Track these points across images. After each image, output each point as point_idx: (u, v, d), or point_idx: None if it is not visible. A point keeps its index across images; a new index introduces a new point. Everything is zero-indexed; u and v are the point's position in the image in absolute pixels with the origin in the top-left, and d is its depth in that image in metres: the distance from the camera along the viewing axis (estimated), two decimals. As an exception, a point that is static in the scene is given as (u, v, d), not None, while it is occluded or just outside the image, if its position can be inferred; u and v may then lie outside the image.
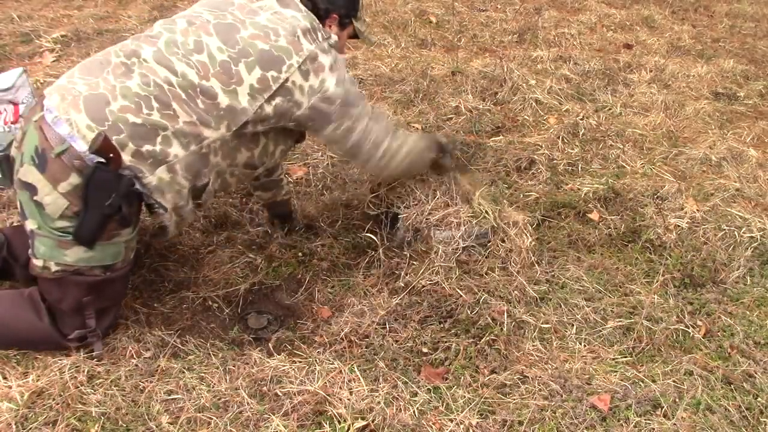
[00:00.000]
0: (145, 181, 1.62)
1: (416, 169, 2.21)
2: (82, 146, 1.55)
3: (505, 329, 1.95)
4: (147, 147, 1.60)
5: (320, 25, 1.82)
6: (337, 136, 1.88)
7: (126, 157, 1.58)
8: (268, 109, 1.73)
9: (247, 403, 1.64)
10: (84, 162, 1.55)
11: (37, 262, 1.65)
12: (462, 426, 1.62)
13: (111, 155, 1.56)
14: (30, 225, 1.62)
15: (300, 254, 2.25)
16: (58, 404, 1.58)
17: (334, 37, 1.85)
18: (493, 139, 3.05)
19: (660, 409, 1.70)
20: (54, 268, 1.64)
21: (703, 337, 1.98)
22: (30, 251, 1.66)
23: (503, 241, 2.22)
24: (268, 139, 1.84)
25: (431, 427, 1.62)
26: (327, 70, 1.78)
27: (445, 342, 1.90)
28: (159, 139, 1.61)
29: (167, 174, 1.64)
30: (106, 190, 1.57)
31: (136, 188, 1.62)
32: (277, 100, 1.73)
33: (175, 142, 1.64)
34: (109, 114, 1.58)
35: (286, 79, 1.72)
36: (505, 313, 1.99)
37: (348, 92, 1.84)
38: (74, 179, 1.56)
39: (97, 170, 1.55)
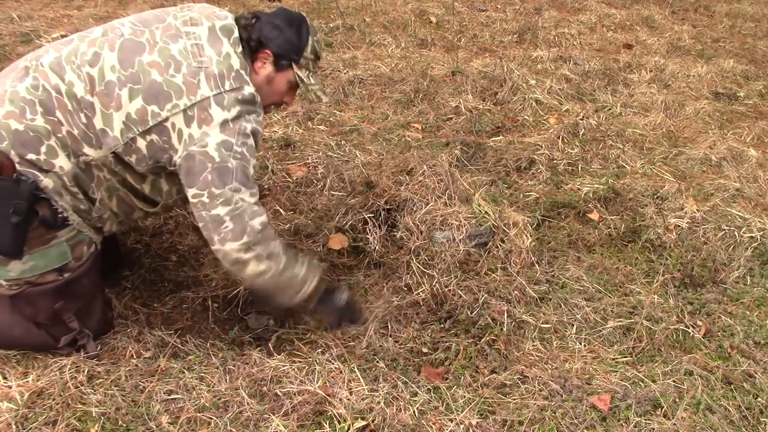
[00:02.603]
0: (41, 185, 1.55)
1: (276, 297, 1.83)
2: None
3: (505, 329, 1.95)
4: (30, 156, 1.53)
5: (238, 74, 1.63)
6: (194, 203, 1.64)
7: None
8: (141, 143, 1.60)
9: (247, 403, 1.64)
10: None
11: None
12: (462, 426, 1.62)
13: None
14: None
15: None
16: (58, 404, 1.58)
17: (249, 90, 1.64)
18: (493, 139, 3.05)
19: (660, 409, 1.70)
20: (4, 284, 1.61)
21: (703, 337, 1.98)
22: None
23: (503, 242, 2.23)
24: (159, 176, 1.70)
25: (431, 427, 1.62)
26: (215, 126, 1.59)
27: (445, 342, 1.90)
28: (43, 148, 1.54)
29: (58, 180, 1.58)
30: (5, 197, 1.48)
31: (40, 191, 1.53)
32: (153, 136, 1.60)
33: (61, 153, 1.56)
34: None
35: (166, 119, 1.58)
36: (505, 313, 1.98)
37: (226, 162, 1.59)
38: None
39: None
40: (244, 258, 1.66)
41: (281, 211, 2.46)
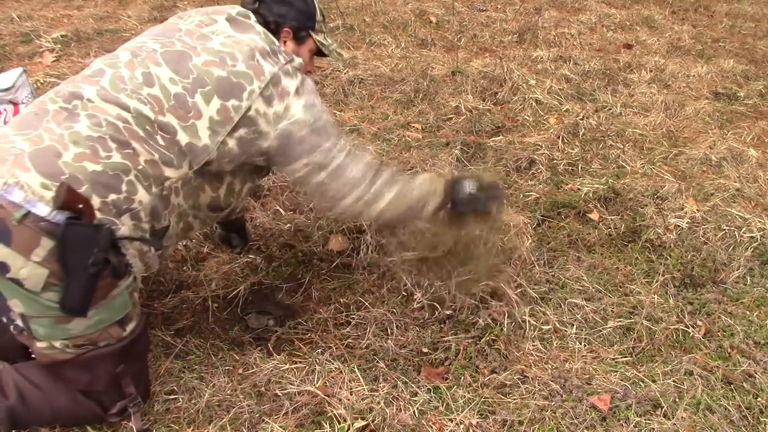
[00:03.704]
0: (118, 234, 1.41)
1: (410, 219, 1.86)
2: (43, 209, 1.31)
3: (505, 329, 1.95)
4: (112, 196, 1.40)
5: (281, 48, 1.67)
6: (305, 174, 1.66)
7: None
8: (231, 143, 1.56)
9: (247, 404, 1.64)
10: (51, 223, 1.31)
11: (41, 345, 1.43)
12: (462, 426, 1.62)
13: (81, 206, 1.33)
14: (17, 308, 1.38)
15: (300, 254, 2.25)
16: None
17: (299, 60, 1.68)
18: (493, 139, 3.05)
19: (660, 409, 1.70)
20: (59, 345, 1.44)
21: (703, 337, 1.98)
22: (26, 336, 1.43)
23: (503, 242, 2.23)
24: (234, 177, 1.68)
25: (431, 427, 1.62)
26: (292, 95, 1.61)
27: (445, 342, 1.90)
28: (124, 186, 1.42)
29: (131, 221, 1.44)
30: (86, 246, 1.33)
31: (117, 238, 1.40)
32: (240, 132, 1.56)
33: (140, 186, 1.45)
34: (63, 166, 1.36)
35: (249, 108, 1.55)
36: (505, 313, 1.99)
37: (318, 119, 1.64)
38: (47, 243, 1.32)
39: (70, 227, 1.31)
40: (358, 209, 1.71)
41: (281, 211, 2.46)
